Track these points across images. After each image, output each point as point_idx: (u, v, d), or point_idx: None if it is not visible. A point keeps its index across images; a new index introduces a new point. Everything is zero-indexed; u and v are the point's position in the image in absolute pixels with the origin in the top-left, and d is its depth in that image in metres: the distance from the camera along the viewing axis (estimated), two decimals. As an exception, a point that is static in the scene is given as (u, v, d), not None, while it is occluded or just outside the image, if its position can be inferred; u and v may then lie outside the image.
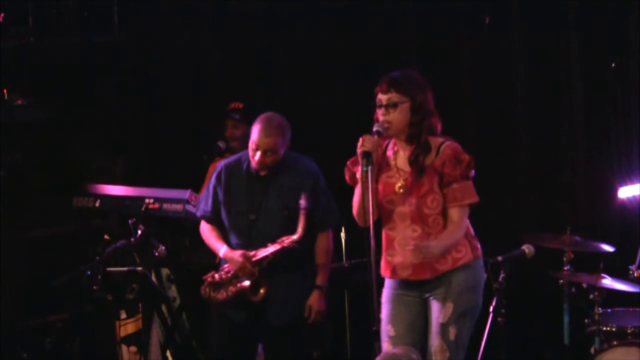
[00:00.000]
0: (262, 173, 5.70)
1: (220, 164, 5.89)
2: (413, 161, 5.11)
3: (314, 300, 5.74)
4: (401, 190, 5.12)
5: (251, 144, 5.67)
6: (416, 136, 5.13)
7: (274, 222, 5.67)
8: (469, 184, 5.13)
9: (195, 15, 7.80)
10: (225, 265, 5.75)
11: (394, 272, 5.18)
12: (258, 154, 5.64)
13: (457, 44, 7.20)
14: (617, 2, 6.78)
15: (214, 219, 5.82)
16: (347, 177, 5.30)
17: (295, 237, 5.57)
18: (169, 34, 7.82)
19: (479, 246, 5.19)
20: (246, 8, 7.68)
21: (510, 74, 7.07)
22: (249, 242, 5.68)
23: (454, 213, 5.11)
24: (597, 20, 6.82)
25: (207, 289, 5.77)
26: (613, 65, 6.82)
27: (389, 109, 5.12)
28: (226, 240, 5.78)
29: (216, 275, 5.76)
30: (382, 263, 5.20)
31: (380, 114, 5.13)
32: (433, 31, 7.25)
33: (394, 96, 5.12)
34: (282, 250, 5.59)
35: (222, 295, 5.72)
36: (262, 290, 5.64)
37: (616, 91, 6.86)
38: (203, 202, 5.88)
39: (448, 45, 7.22)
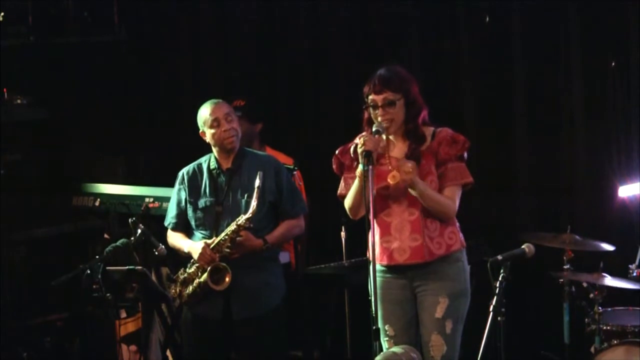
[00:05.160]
0: (227, 161, 5.69)
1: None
2: (410, 155, 5.16)
3: (249, 236, 5.58)
4: (395, 177, 5.13)
5: (211, 124, 5.67)
6: (413, 131, 5.20)
7: (240, 212, 5.60)
8: (462, 165, 5.20)
9: (195, 15, 7.80)
10: (192, 260, 5.69)
11: (390, 258, 5.19)
12: (224, 125, 5.66)
13: (457, 43, 7.19)
14: (617, 2, 6.77)
15: (180, 226, 5.80)
16: (334, 167, 5.35)
17: (248, 214, 5.51)
18: (169, 34, 7.82)
19: (463, 237, 5.28)
20: (246, 7, 7.68)
21: (510, 74, 7.06)
22: (217, 235, 5.63)
23: (449, 190, 5.18)
24: (597, 20, 6.81)
25: (177, 287, 5.72)
26: (613, 65, 6.82)
27: (387, 108, 5.17)
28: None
29: (184, 272, 5.72)
30: (378, 251, 5.18)
31: (379, 114, 5.16)
32: (433, 31, 7.25)
33: (389, 95, 5.16)
34: (238, 229, 5.53)
35: (189, 290, 5.66)
36: (227, 279, 5.55)
37: (616, 91, 6.85)
38: (168, 212, 5.87)
39: (448, 45, 7.21)
